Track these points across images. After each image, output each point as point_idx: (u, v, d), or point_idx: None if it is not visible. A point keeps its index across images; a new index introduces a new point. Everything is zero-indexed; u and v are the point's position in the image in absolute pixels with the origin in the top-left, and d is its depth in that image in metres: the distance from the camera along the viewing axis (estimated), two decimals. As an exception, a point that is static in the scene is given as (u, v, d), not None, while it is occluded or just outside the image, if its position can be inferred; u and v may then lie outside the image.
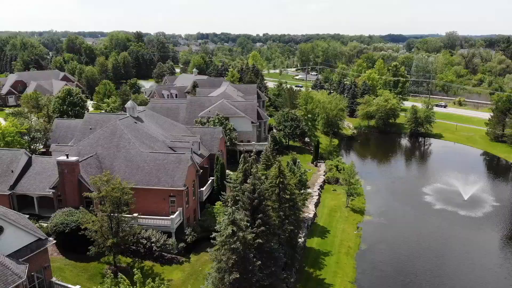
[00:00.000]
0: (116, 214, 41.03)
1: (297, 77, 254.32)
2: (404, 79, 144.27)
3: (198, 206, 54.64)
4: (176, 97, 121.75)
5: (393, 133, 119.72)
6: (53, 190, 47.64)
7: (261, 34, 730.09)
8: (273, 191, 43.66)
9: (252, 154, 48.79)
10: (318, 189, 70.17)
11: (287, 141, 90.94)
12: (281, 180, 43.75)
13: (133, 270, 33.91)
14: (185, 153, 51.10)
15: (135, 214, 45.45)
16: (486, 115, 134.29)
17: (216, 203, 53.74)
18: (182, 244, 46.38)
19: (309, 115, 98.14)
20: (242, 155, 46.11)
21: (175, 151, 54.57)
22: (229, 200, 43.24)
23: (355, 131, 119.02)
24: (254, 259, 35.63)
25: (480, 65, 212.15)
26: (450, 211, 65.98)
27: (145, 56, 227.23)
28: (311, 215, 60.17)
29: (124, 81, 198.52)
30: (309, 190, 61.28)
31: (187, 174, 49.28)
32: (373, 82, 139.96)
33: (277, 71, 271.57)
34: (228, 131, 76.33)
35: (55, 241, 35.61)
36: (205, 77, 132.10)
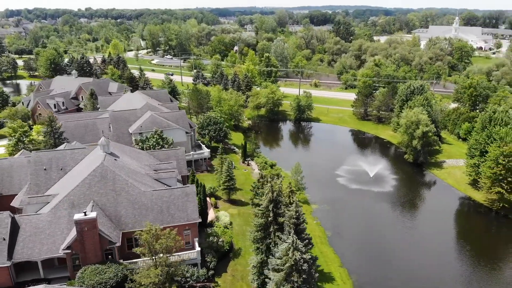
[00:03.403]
0: (168, 262, 42.94)
1: (153, 62, 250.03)
2: (276, 69, 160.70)
3: (194, 230, 57.92)
4: (63, 105, 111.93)
5: (281, 120, 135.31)
6: (68, 250, 45.13)
7: (83, 9, 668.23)
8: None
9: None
10: (266, 189, 79.14)
11: (211, 143, 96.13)
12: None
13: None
14: (189, 186, 53.66)
15: (161, 254, 47.25)
16: (340, 95, 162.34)
17: (215, 225, 58.14)
18: (211, 272, 50.39)
19: (224, 116, 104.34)
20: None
21: (168, 185, 56.03)
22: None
23: (250, 122, 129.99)
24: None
25: (318, 46, 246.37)
26: (366, 190, 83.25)
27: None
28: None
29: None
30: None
31: (196, 205, 52.41)
32: (252, 74, 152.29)
33: (130, 55, 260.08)
34: (171, 146, 77.76)
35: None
36: (89, 79, 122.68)
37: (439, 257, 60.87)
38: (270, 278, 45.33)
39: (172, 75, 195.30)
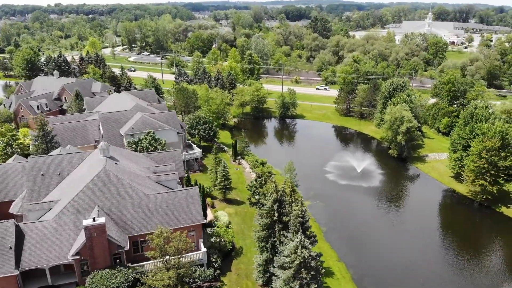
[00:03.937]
0: (180, 263, 43.85)
1: (130, 59, 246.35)
2: (258, 66, 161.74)
3: (196, 231, 58.79)
4: (46, 107, 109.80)
5: (266, 117, 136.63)
6: (77, 256, 45.30)
7: (53, 4, 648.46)
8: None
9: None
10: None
11: (200, 143, 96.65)
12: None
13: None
14: (192, 188, 54.46)
15: (167, 256, 48.05)
16: (322, 91, 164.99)
17: (216, 225, 59.22)
18: (218, 272, 51.55)
19: (212, 115, 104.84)
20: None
21: (169, 187, 56.62)
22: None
23: (236, 120, 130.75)
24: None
25: (296, 42, 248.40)
26: (355, 185, 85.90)
27: None
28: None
29: None
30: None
31: (199, 206, 53.31)
32: (235, 71, 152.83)
33: (106, 52, 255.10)
34: (164, 147, 77.93)
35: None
36: (72, 79, 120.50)
37: (429, 248, 64.07)
38: (276, 276, 46.98)
39: (134, 70, 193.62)
